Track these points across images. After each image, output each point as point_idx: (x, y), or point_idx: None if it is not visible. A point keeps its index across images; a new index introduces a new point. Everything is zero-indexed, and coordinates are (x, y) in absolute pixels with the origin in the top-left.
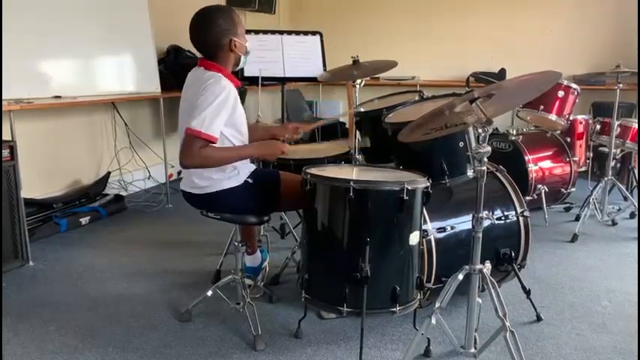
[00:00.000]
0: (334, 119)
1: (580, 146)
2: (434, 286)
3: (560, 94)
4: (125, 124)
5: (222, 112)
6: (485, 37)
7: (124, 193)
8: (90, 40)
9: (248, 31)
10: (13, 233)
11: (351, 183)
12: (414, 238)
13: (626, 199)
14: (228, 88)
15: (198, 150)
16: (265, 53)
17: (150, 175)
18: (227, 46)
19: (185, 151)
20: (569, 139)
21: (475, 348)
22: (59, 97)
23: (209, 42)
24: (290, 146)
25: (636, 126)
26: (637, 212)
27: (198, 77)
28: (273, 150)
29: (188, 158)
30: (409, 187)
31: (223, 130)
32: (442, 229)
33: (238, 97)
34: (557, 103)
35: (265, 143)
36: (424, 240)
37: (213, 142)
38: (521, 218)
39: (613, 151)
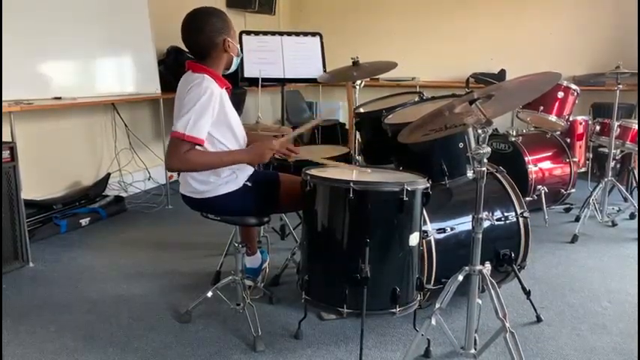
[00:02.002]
0: (317, 123)
1: (580, 147)
2: (434, 287)
3: (560, 94)
4: (125, 125)
5: (205, 114)
6: (484, 38)
7: (124, 195)
8: (90, 41)
9: (248, 32)
10: (13, 234)
11: (351, 184)
12: (413, 239)
13: (626, 199)
14: (210, 89)
15: (183, 153)
16: (265, 54)
17: (150, 176)
18: (220, 46)
19: (170, 154)
20: (568, 140)
21: (475, 349)
22: (59, 98)
23: (203, 41)
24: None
25: (636, 127)
26: (637, 213)
27: (185, 82)
28: (262, 152)
29: (173, 161)
30: (409, 188)
31: (213, 132)
32: (442, 230)
33: (227, 98)
34: (556, 103)
35: (252, 147)
36: (424, 241)
37: (200, 144)
38: (521, 219)
39: (613, 151)
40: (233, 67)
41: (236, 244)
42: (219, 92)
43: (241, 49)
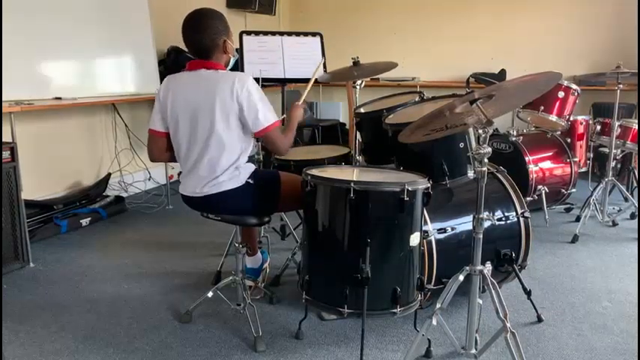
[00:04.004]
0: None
1: (580, 147)
2: (434, 287)
3: (561, 94)
4: (125, 125)
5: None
6: (485, 38)
7: (124, 195)
8: (90, 41)
9: (248, 32)
10: (14, 234)
11: (352, 184)
12: (414, 239)
13: (626, 199)
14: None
15: (283, 136)
16: (265, 54)
17: (150, 177)
18: (221, 47)
19: (280, 141)
20: (569, 140)
21: (476, 349)
22: (59, 98)
23: (207, 41)
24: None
25: (636, 127)
26: (637, 213)
27: (214, 78)
28: (298, 110)
29: (284, 145)
30: (409, 188)
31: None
32: (443, 230)
33: None
34: (557, 103)
35: (289, 113)
36: (425, 241)
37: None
38: (521, 219)
39: (613, 151)
40: (228, 68)
41: (237, 245)
42: None
43: (241, 49)
